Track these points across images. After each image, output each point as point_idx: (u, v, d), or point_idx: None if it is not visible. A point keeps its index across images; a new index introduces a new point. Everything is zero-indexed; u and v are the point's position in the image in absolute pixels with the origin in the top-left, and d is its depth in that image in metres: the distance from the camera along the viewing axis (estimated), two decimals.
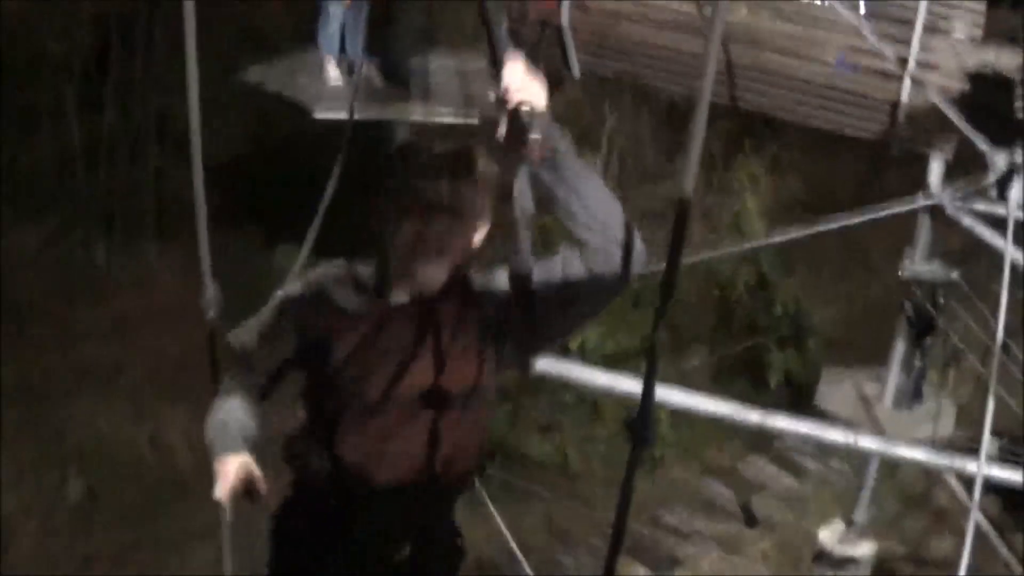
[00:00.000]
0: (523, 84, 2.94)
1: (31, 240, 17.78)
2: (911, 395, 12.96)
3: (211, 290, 3.72)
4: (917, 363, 12.83)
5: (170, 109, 18.25)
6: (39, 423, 15.91)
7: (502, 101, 2.96)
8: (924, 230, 12.18)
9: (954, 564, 10.84)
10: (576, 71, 11.33)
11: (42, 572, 14.50)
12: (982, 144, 10.41)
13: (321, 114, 11.35)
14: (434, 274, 3.01)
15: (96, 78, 18.43)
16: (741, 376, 18.53)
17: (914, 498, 16.82)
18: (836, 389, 13.70)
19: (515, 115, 2.96)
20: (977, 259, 14.10)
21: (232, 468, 3.13)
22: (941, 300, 12.22)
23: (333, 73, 11.77)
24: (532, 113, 2.94)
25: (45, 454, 15.73)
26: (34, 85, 18.12)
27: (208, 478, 3.59)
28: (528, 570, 11.38)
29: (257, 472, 3.11)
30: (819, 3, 11.11)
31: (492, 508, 9.53)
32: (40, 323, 16.88)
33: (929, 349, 12.87)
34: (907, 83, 10.53)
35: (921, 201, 11.68)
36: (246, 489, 3.13)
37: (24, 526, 15.06)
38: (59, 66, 18.13)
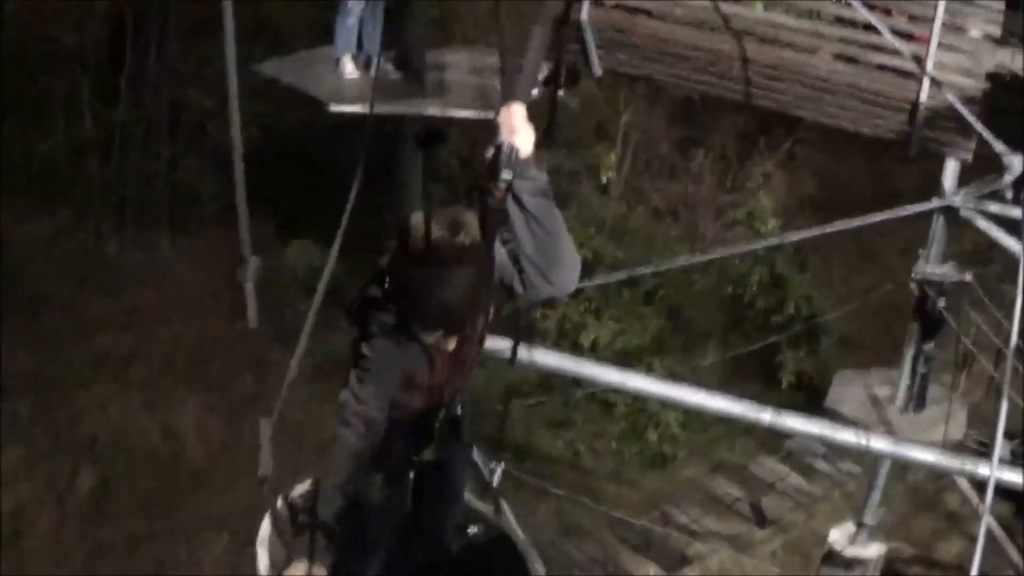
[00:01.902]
0: (515, 127, 3.41)
1: (44, 231, 17.83)
2: (916, 401, 12.91)
3: (253, 263, 3.99)
4: (921, 369, 12.77)
5: (183, 101, 18.28)
6: (52, 413, 15.96)
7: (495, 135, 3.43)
8: (938, 231, 12.12)
9: (963, 567, 10.79)
10: (597, 68, 11.28)
11: (55, 561, 14.55)
12: (998, 146, 10.35)
13: (336, 108, 11.33)
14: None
15: (110, 70, 18.46)
16: (753, 375, 18.51)
17: (924, 500, 16.78)
18: (848, 390, 13.65)
19: (498, 151, 3.38)
20: (990, 261, 14.07)
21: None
22: (943, 304, 12.14)
23: (348, 67, 11.75)
24: (512, 155, 3.37)
25: (58, 443, 15.78)
26: (48, 77, 18.17)
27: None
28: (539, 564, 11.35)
29: None
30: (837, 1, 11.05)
31: (504, 502, 9.52)
32: (53, 313, 16.93)
33: (933, 354, 12.81)
34: (925, 83, 10.44)
35: (935, 202, 11.62)
36: None
37: (37, 515, 15.11)
38: (73, 58, 18.16)
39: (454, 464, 4.37)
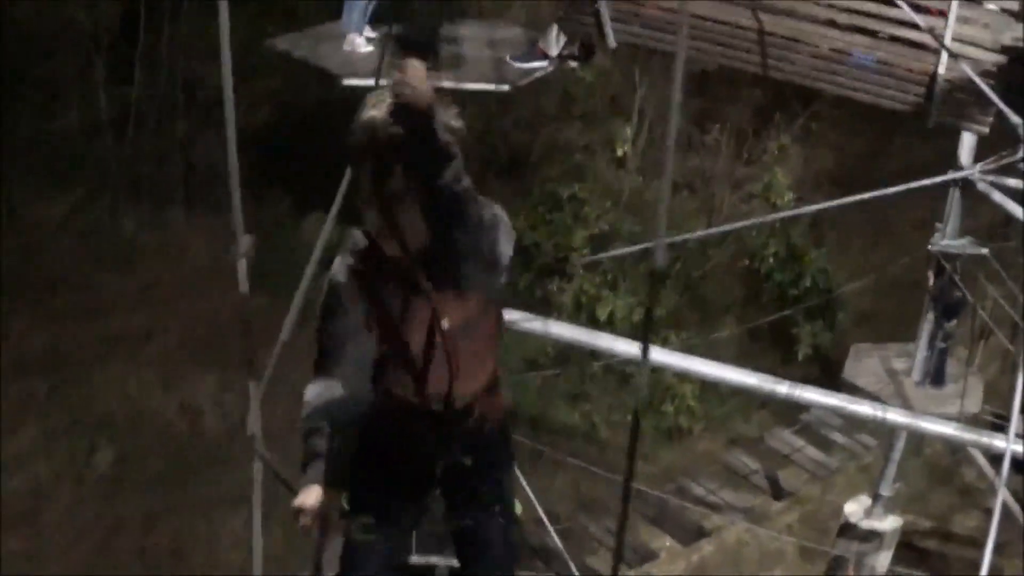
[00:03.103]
0: (410, 81, 3.07)
1: (59, 209, 17.86)
2: (934, 377, 12.85)
3: (244, 241, 3.93)
4: (940, 344, 12.71)
5: (198, 78, 18.27)
6: (69, 391, 16.03)
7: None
8: (954, 205, 12.04)
9: (979, 540, 10.78)
10: (611, 40, 11.19)
11: (73, 537, 14.64)
12: (1015, 119, 10.27)
13: (349, 82, 11.29)
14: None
15: (124, 48, 18.46)
16: (769, 348, 18.49)
17: (940, 473, 16.77)
18: (864, 363, 13.61)
19: (391, 116, 3.23)
20: (1006, 236, 13.98)
21: (310, 501, 3.57)
22: (956, 277, 12.08)
23: (360, 40, 11.70)
24: (409, 107, 3.10)
25: (75, 421, 15.85)
26: (62, 55, 18.16)
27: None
28: (555, 536, 11.40)
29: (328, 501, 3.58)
30: None
31: (520, 475, 9.54)
32: (68, 292, 16.98)
33: (952, 331, 12.75)
34: (943, 55, 10.35)
35: (952, 176, 11.55)
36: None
37: (55, 493, 15.19)
38: (87, 36, 18.16)
39: (489, 531, 3.82)
